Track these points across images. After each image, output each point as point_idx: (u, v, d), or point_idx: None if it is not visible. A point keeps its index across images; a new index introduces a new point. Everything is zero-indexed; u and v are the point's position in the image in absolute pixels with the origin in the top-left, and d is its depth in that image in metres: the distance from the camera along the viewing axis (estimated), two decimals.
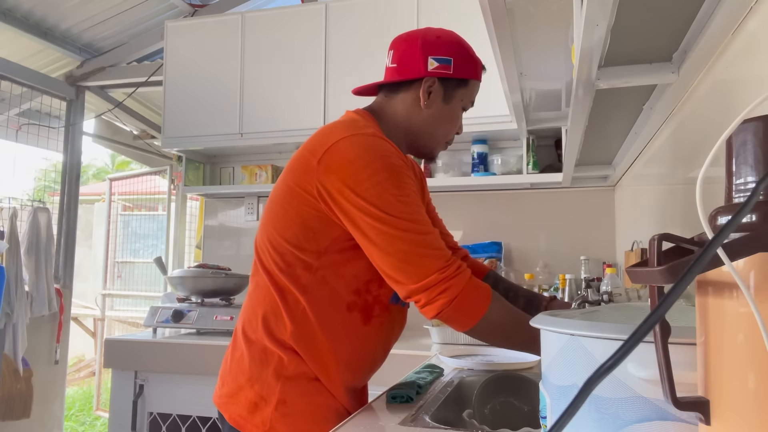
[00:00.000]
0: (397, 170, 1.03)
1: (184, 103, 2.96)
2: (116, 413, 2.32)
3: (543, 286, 2.60)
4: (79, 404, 5.33)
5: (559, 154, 2.52)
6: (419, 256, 1.00)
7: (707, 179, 0.39)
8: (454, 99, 1.19)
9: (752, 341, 0.37)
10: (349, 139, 1.04)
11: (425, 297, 1.00)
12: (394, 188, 1.01)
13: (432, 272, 0.99)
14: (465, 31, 2.62)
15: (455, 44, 1.17)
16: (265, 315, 1.10)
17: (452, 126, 1.22)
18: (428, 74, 1.15)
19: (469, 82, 1.19)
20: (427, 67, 1.15)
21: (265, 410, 1.06)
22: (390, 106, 1.20)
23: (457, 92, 1.18)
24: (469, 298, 1.01)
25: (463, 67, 1.17)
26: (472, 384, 1.36)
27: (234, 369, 1.13)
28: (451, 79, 1.17)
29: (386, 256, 1.01)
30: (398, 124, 1.19)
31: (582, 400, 0.30)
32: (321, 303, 1.08)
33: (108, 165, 11.68)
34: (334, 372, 1.09)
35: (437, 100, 1.17)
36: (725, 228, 0.33)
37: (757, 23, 0.84)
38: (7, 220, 2.89)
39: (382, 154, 1.03)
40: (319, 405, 1.09)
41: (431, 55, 1.15)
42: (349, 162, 1.02)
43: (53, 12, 3.17)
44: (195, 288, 2.57)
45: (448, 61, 1.15)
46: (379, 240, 1.01)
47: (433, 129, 1.20)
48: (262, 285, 1.12)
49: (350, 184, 1.01)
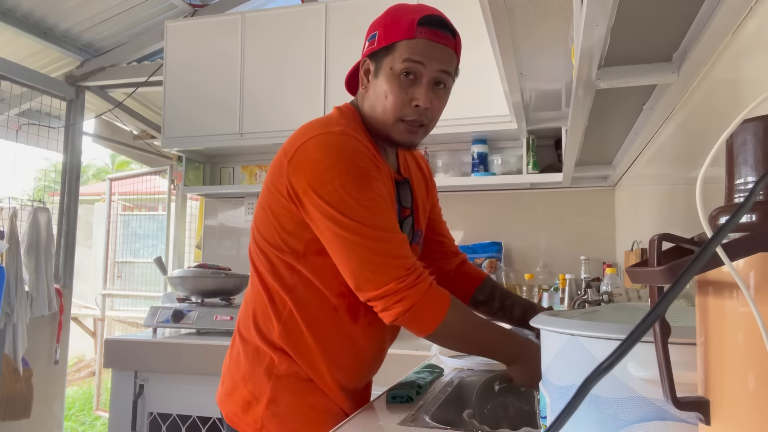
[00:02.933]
0: (361, 173, 0.99)
1: (184, 103, 2.96)
2: (116, 413, 2.32)
3: (543, 286, 2.60)
4: (79, 404, 5.33)
5: (559, 154, 2.52)
6: (378, 264, 0.98)
7: (707, 179, 0.39)
8: (382, 69, 1.05)
9: (752, 341, 0.37)
10: (317, 138, 1.01)
11: (381, 304, 0.99)
12: (356, 192, 0.98)
13: (390, 281, 0.97)
14: (465, 31, 2.62)
15: (385, 15, 1.08)
16: (255, 315, 1.11)
17: (392, 98, 1.04)
18: (363, 56, 1.11)
19: (395, 44, 1.03)
20: (363, 50, 1.11)
21: (257, 408, 1.07)
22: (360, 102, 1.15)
23: (383, 62, 1.05)
24: (426, 306, 0.99)
25: (387, 34, 1.04)
26: (472, 384, 1.36)
27: (231, 368, 1.14)
28: (377, 51, 1.06)
29: (345, 262, 1.00)
30: (367, 117, 1.12)
31: (580, 399, 0.30)
32: (307, 304, 1.07)
33: (108, 165, 11.69)
34: (325, 372, 1.09)
35: (371, 78, 1.08)
36: (724, 228, 0.33)
37: (757, 23, 0.84)
38: (7, 220, 2.89)
39: (348, 155, 0.99)
40: (311, 405, 1.08)
41: (367, 39, 1.10)
42: (313, 162, 0.99)
43: (53, 12, 3.17)
44: (195, 288, 2.57)
45: (374, 35, 1.08)
46: (338, 245, 0.99)
47: (376, 109, 1.08)
48: (254, 285, 1.13)
49: (314, 186, 0.99)
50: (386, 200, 1.03)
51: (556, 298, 2.34)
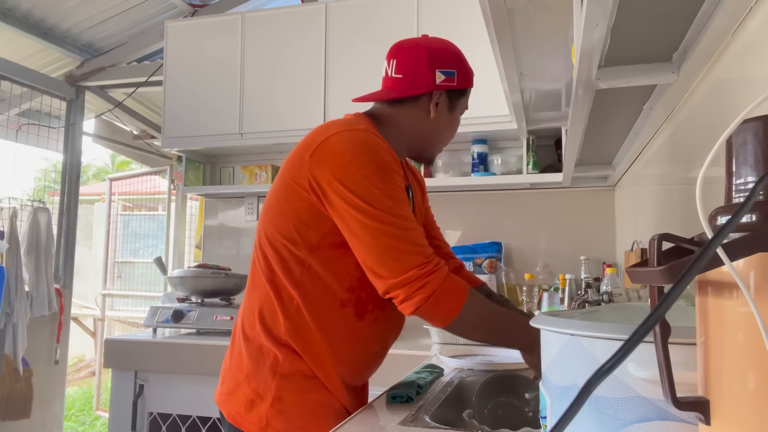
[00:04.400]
0: (386, 165, 1.05)
1: (184, 103, 2.96)
2: (116, 413, 2.32)
3: (543, 286, 2.60)
4: (79, 404, 5.33)
5: (559, 154, 2.52)
6: (401, 251, 1.02)
7: (707, 179, 0.39)
8: (458, 108, 1.24)
9: (752, 341, 0.37)
10: (342, 134, 1.07)
11: (404, 292, 1.01)
12: (381, 182, 1.03)
13: (412, 267, 1.01)
14: (465, 30, 2.61)
15: (457, 55, 1.22)
16: (261, 311, 1.12)
17: (454, 132, 1.29)
18: (437, 87, 1.18)
19: (467, 91, 1.26)
20: (435, 80, 1.18)
21: (261, 407, 1.08)
22: (394, 115, 1.22)
23: (459, 102, 1.24)
24: (446, 294, 1.03)
25: (464, 77, 1.22)
26: (472, 384, 1.36)
27: (233, 367, 1.15)
28: (455, 90, 1.21)
29: (368, 250, 1.03)
30: (402, 132, 1.21)
31: (582, 402, 0.30)
32: (314, 299, 1.10)
33: (108, 165, 11.68)
34: (330, 367, 1.10)
35: (443, 111, 1.21)
36: (724, 228, 0.33)
37: (757, 23, 0.84)
38: (7, 220, 2.89)
39: (373, 149, 1.06)
40: (316, 402, 1.10)
41: (438, 68, 1.18)
42: (339, 155, 1.05)
43: (53, 12, 3.17)
44: (195, 288, 2.57)
45: (453, 73, 1.20)
46: (362, 233, 1.03)
47: (439, 137, 1.25)
48: (259, 282, 1.14)
49: (338, 176, 1.03)
50: (405, 195, 1.08)
51: (556, 298, 2.34)
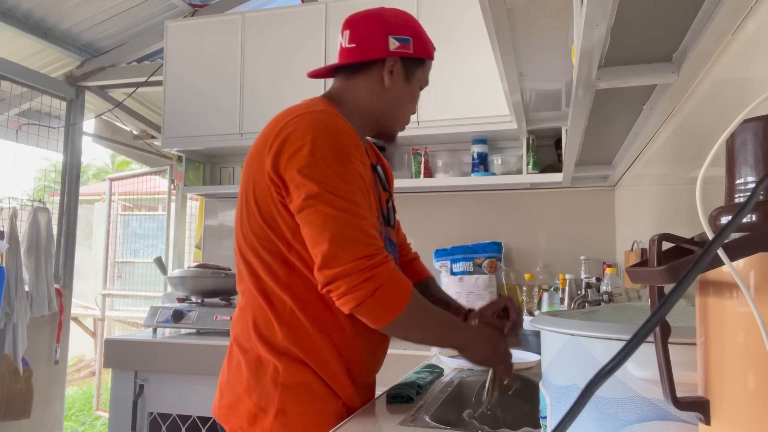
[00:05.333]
0: (343, 149, 1.01)
1: (184, 103, 2.96)
2: (116, 413, 2.32)
3: (543, 286, 2.60)
4: (79, 404, 5.33)
5: (559, 154, 2.52)
6: (351, 239, 0.96)
7: (707, 179, 0.39)
8: (414, 78, 1.18)
9: (752, 341, 0.37)
10: (297, 119, 1.03)
11: (346, 284, 0.95)
12: (337, 165, 0.99)
13: (360, 256, 0.95)
14: (465, 31, 2.61)
15: (412, 24, 1.17)
16: (255, 322, 1.08)
17: (413, 105, 1.22)
18: (390, 54, 1.14)
19: (426, 61, 1.20)
20: (388, 46, 1.14)
21: (265, 421, 1.04)
22: (350, 89, 1.17)
23: (416, 71, 1.18)
24: (391, 291, 0.97)
25: (421, 46, 1.17)
26: (472, 384, 1.36)
27: (232, 380, 1.11)
28: (411, 59, 1.16)
29: (317, 236, 0.97)
30: (360, 106, 1.16)
31: (584, 403, 0.30)
32: (307, 299, 1.06)
33: (108, 165, 11.68)
34: (335, 367, 1.07)
35: (399, 80, 1.16)
36: (725, 229, 0.33)
37: (757, 23, 0.84)
38: (7, 220, 2.89)
39: (329, 131, 1.01)
40: (319, 411, 1.06)
41: (391, 35, 1.14)
42: (295, 139, 1.00)
43: (53, 12, 3.17)
44: (195, 288, 2.57)
45: (408, 40, 1.15)
46: (313, 218, 0.98)
47: (397, 109, 1.19)
48: (248, 292, 1.11)
49: (293, 160, 0.99)
50: (364, 181, 1.03)
51: (556, 298, 2.34)
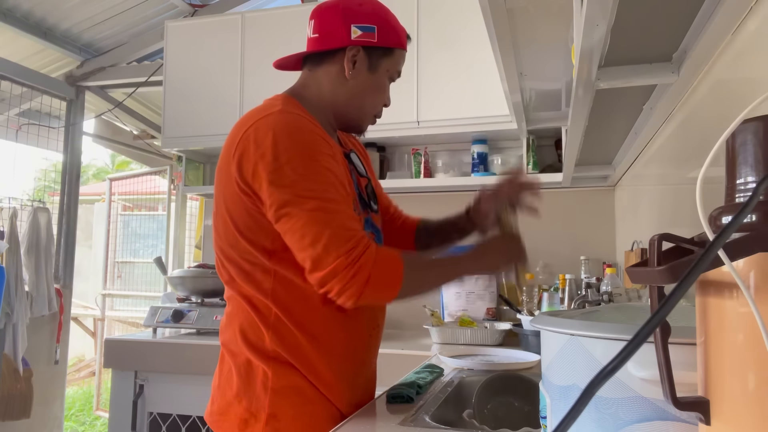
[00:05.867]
0: (306, 146, 0.99)
1: (184, 103, 2.96)
2: (116, 413, 2.32)
3: (543, 286, 2.60)
4: (79, 404, 5.33)
5: (559, 154, 2.52)
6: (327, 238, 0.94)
7: (707, 179, 0.39)
8: (380, 68, 1.14)
9: (752, 341, 0.37)
10: (256, 124, 1.01)
11: (338, 283, 0.94)
12: (302, 165, 0.97)
13: (339, 255, 0.93)
14: (465, 31, 2.61)
15: (378, 12, 1.13)
16: (242, 328, 1.07)
17: (380, 97, 1.17)
18: (352, 43, 1.10)
19: (395, 51, 1.14)
20: (350, 35, 1.10)
21: (256, 426, 1.03)
22: (314, 80, 1.15)
23: (382, 61, 1.13)
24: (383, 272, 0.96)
25: (387, 35, 1.12)
26: (472, 384, 1.36)
27: (223, 385, 1.10)
28: (376, 48, 1.12)
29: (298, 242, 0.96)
30: (323, 98, 1.14)
31: (584, 404, 0.30)
32: (292, 304, 1.04)
33: (108, 165, 11.68)
34: (324, 370, 1.06)
35: (362, 70, 1.12)
36: (727, 229, 0.33)
37: (757, 23, 0.84)
38: (7, 220, 2.89)
39: (290, 131, 0.99)
40: (311, 414, 1.05)
41: (354, 23, 1.10)
42: (256, 146, 0.99)
43: (53, 12, 3.17)
44: (195, 288, 2.57)
45: (372, 29, 1.11)
46: (289, 226, 0.96)
47: (361, 100, 1.15)
48: (234, 300, 1.09)
49: (259, 170, 0.98)
50: (334, 173, 1.01)
51: (556, 298, 2.34)
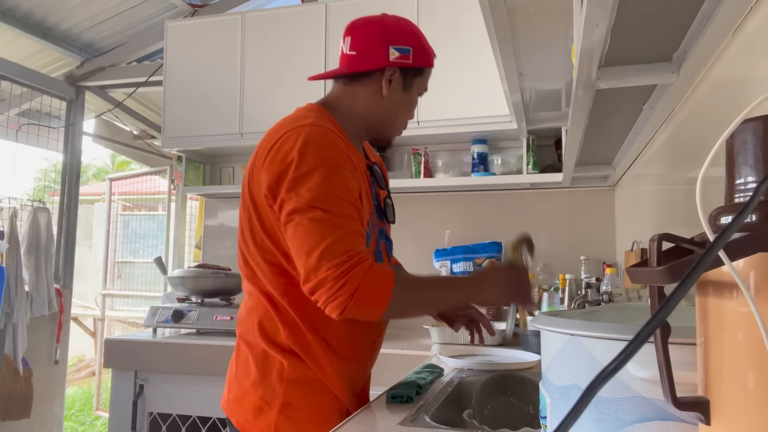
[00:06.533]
0: (329, 160, 1.03)
1: (184, 103, 2.96)
2: (116, 413, 2.32)
3: (543, 286, 2.60)
4: (79, 404, 5.33)
5: (559, 154, 2.52)
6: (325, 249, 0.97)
7: (707, 179, 0.39)
8: (413, 87, 1.21)
9: (752, 341, 0.37)
10: (288, 133, 1.06)
11: (325, 293, 0.97)
12: (320, 177, 1.01)
13: (329, 267, 0.96)
14: (465, 31, 2.61)
15: (414, 33, 1.19)
16: (261, 321, 1.12)
17: (410, 113, 1.25)
18: (390, 64, 1.16)
19: (425, 70, 1.22)
20: (389, 56, 1.16)
21: (270, 414, 1.08)
22: (349, 95, 1.20)
23: (415, 81, 1.21)
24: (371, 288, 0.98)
25: (420, 56, 1.19)
26: (472, 384, 1.36)
27: (240, 374, 1.15)
28: (410, 69, 1.19)
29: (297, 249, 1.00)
30: (357, 112, 1.20)
31: (585, 404, 0.30)
32: (304, 307, 1.08)
33: (108, 165, 11.68)
34: (329, 370, 1.11)
35: (398, 89, 1.19)
36: (727, 229, 0.33)
37: (757, 23, 0.84)
38: (7, 220, 2.89)
39: (317, 145, 1.04)
40: (322, 405, 1.10)
41: (392, 45, 1.16)
42: (284, 155, 1.04)
43: (53, 12, 3.17)
44: (195, 288, 2.57)
45: (408, 50, 1.17)
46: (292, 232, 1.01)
47: (394, 116, 1.22)
48: (253, 293, 1.14)
49: (282, 178, 1.02)
50: (349, 189, 1.04)
51: (556, 298, 2.34)
